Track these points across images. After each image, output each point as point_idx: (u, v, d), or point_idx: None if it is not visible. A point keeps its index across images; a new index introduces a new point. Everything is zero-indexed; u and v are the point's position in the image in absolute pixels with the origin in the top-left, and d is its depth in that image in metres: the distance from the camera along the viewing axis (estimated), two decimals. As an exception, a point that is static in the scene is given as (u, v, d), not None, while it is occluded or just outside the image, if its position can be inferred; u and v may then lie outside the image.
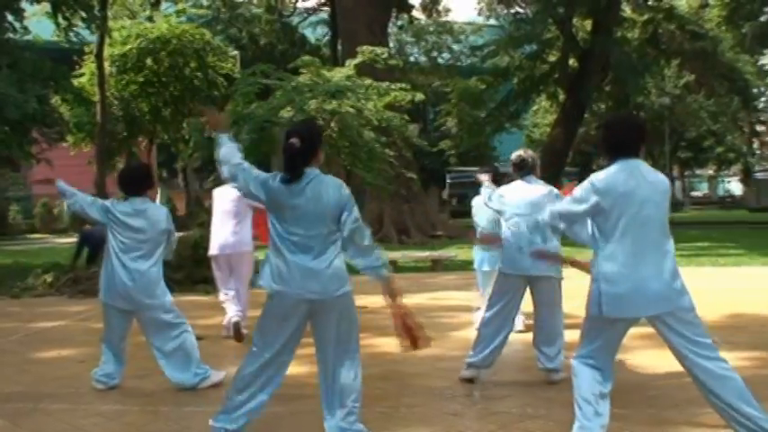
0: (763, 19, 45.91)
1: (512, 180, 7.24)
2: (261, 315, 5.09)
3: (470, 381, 6.77)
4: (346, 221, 4.88)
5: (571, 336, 6.76)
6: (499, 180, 9.41)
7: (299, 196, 4.86)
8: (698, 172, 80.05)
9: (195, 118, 19.61)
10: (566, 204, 5.01)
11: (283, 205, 4.92)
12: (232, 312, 8.88)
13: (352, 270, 4.95)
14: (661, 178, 4.89)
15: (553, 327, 6.86)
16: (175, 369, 6.81)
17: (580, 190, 4.86)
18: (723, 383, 4.73)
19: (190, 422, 5.92)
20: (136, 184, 6.89)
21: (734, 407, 4.68)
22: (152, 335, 6.91)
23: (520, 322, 9.17)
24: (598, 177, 4.84)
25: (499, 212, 7.13)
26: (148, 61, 25.31)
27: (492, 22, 47.37)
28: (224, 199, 9.19)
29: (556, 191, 6.98)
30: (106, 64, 25.41)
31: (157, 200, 8.07)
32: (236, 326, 8.80)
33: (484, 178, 8.41)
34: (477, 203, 9.45)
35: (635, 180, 4.73)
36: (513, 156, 7.21)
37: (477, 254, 9.53)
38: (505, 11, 42.32)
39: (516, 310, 6.96)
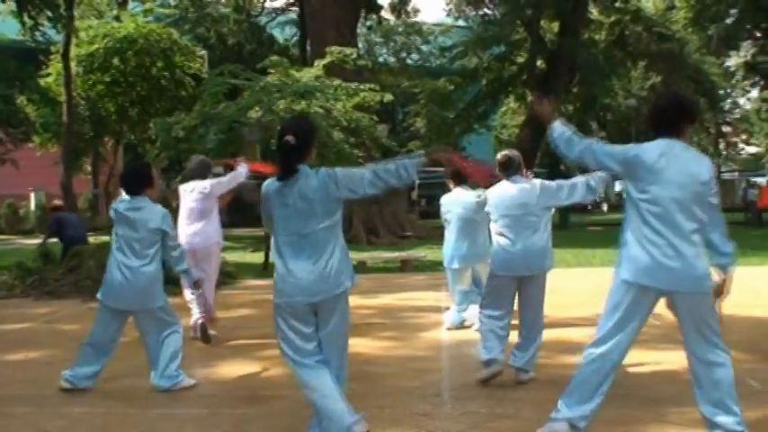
0: (728, 21, 46.41)
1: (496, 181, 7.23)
2: (277, 330, 5.02)
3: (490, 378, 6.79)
4: (342, 182, 4.86)
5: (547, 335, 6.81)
6: (463, 178, 9.48)
7: (290, 195, 4.83)
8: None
9: (162, 118, 19.48)
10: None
11: (276, 205, 4.90)
12: (198, 314, 8.84)
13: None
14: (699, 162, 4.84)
15: (536, 324, 6.87)
16: (156, 371, 6.77)
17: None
18: None
19: (158, 425, 5.87)
20: (135, 182, 6.89)
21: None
22: (145, 333, 6.88)
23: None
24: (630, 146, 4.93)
25: (488, 213, 7.10)
26: (115, 61, 25.15)
27: (460, 23, 47.44)
28: (189, 195, 9.14)
29: (542, 182, 6.96)
30: (72, 64, 25.21)
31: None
32: (203, 327, 8.76)
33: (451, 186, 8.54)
34: (446, 200, 9.47)
35: (665, 159, 4.72)
36: (500, 156, 7.18)
37: (446, 251, 9.51)
38: (474, 12, 42.45)
39: (512, 306, 6.91)
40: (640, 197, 4.79)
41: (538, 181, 6.98)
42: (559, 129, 5.12)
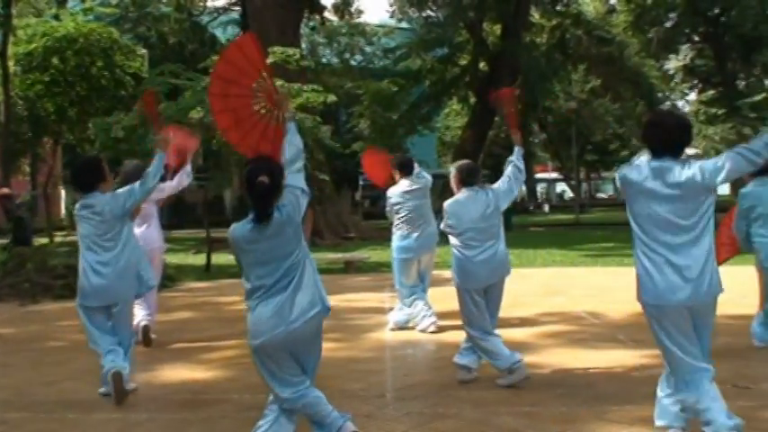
0: (667, 25, 47.24)
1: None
2: (259, 368, 4.91)
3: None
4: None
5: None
6: (410, 169, 9.50)
7: (264, 238, 4.73)
8: (604, 174, 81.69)
9: (101, 118, 19.21)
10: None
11: (246, 250, 4.78)
12: (140, 316, 8.71)
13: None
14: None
15: (494, 326, 6.86)
16: (116, 360, 6.45)
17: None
18: None
19: (98, 430, 5.79)
20: (86, 178, 6.65)
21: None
22: (121, 322, 6.67)
23: (431, 323, 9.22)
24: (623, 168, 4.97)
25: (450, 227, 6.92)
26: (54, 60, 24.73)
27: (404, 24, 47.59)
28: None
29: (494, 188, 6.94)
30: (10, 63, 24.79)
31: (62, 202, 7.81)
32: (145, 330, 8.65)
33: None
34: (394, 192, 9.48)
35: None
36: (464, 164, 7.15)
37: (396, 242, 9.47)
38: (417, 14, 42.59)
39: (485, 312, 6.82)
40: None
41: (492, 187, 6.99)
42: None
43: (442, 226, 7.11)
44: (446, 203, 6.99)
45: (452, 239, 6.90)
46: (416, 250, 9.38)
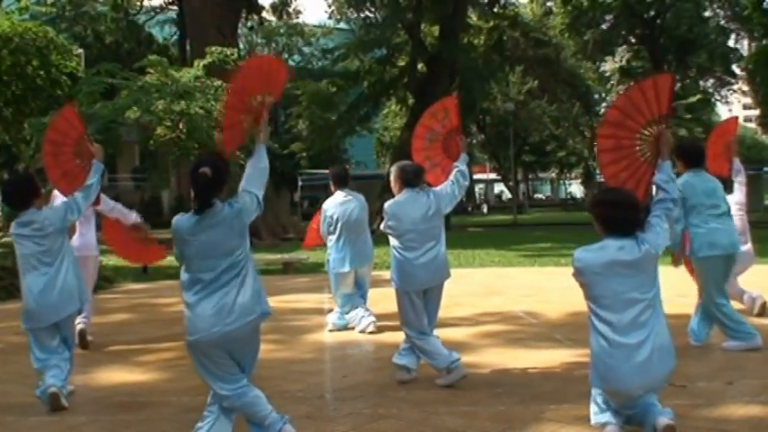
0: (604, 27, 47.91)
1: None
2: (196, 365, 4.90)
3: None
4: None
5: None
6: (345, 181, 9.52)
7: (206, 229, 4.77)
8: (541, 175, 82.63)
9: (37, 118, 18.92)
10: None
11: (188, 241, 4.81)
12: (77, 320, 8.59)
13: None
14: None
15: (432, 327, 6.89)
16: (57, 377, 6.40)
17: None
18: None
19: (34, 433, 5.71)
20: (20, 197, 6.49)
21: None
22: (66, 337, 6.54)
23: (369, 323, 9.24)
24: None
25: (390, 228, 6.86)
26: (-10, 60, 24.23)
27: (342, 25, 47.61)
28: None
29: (436, 190, 6.97)
30: (-56, 61, 24.22)
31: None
32: (82, 333, 8.52)
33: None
34: (329, 204, 9.47)
35: None
36: (409, 165, 7.09)
37: (332, 255, 9.49)
38: (355, 15, 42.61)
39: (423, 313, 6.79)
40: None
41: (434, 189, 7.01)
42: None
43: (382, 226, 7.08)
44: (386, 204, 6.94)
45: (392, 241, 6.87)
46: (353, 263, 9.38)
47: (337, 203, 9.41)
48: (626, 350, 4.73)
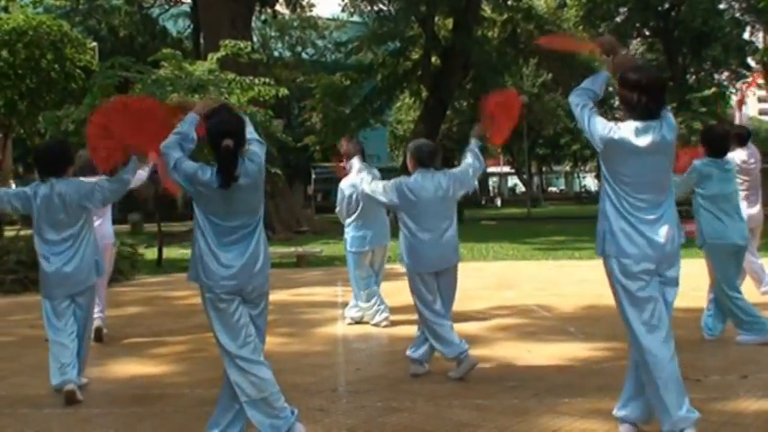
0: (618, 19, 47.67)
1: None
2: (213, 323, 4.86)
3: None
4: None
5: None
6: (362, 157, 9.48)
7: (232, 195, 4.72)
8: (555, 168, 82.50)
9: (51, 111, 18.98)
10: None
11: (217, 202, 4.76)
12: (94, 315, 8.61)
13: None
14: None
15: (449, 313, 6.87)
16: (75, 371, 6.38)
17: None
18: None
19: (49, 424, 5.72)
20: (55, 162, 6.49)
21: None
22: (85, 315, 6.58)
23: (384, 318, 9.24)
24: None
25: (402, 207, 6.79)
26: (4, 53, 24.34)
27: (356, 18, 47.54)
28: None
29: (452, 171, 6.95)
30: (-41, 56, 24.31)
31: None
32: (98, 331, 8.53)
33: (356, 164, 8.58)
34: (345, 183, 9.42)
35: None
36: (424, 145, 7.05)
37: (353, 232, 9.41)
38: (369, 8, 42.54)
39: (437, 294, 6.77)
40: None
41: (450, 171, 6.98)
42: None
43: (376, 190, 6.98)
44: (404, 179, 6.84)
45: (403, 221, 6.82)
46: (370, 242, 9.37)
47: (356, 183, 9.33)
48: None
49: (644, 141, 4.70)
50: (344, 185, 9.47)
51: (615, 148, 4.75)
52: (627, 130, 4.75)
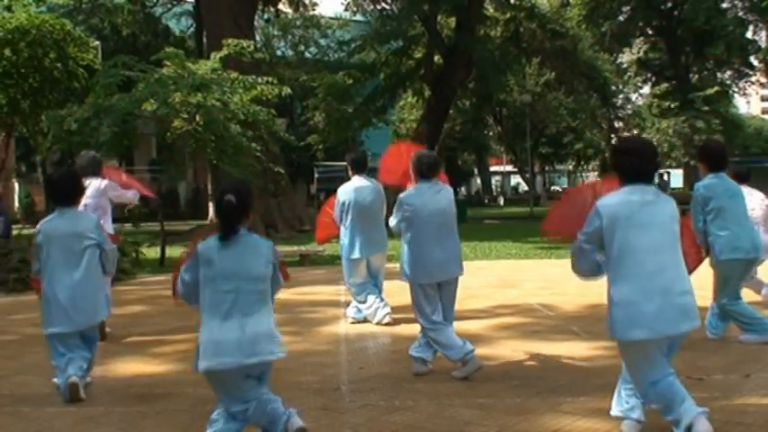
0: (621, 18, 47.68)
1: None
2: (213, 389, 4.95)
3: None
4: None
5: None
6: (363, 167, 9.47)
7: (230, 255, 4.80)
8: (558, 167, 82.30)
9: (54, 110, 18.99)
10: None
11: (214, 264, 4.80)
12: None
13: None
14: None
15: (451, 320, 6.90)
16: (79, 369, 6.37)
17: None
18: None
19: (52, 423, 5.72)
20: (67, 195, 6.53)
21: None
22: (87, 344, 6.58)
23: (385, 314, 9.24)
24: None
25: (405, 220, 6.84)
26: (6, 52, 24.35)
27: (358, 17, 47.52)
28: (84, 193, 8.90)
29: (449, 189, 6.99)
30: (-38, 55, 24.32)
31: (15, 195, 7.69)
32: (101, 326, 8.55)
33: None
34: (345, 190, 9.42)
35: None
36: (426, 156, 7.02)
37: (345, 242, 9.42)
38: (372, 7, 42.53)
39: (437, 304, 6.81)
40: None
41: (448, 188, 7.01)
42: None
43: (393, 222, 7.03)
44: (402, 195, 6.95)
45: (405, 233, 6.85)
46: (361, 250, 9.34)
47: (351, 189, 9.34)
48: None
49: None
50: (340, 191, 9.48)
51: None
52: None
